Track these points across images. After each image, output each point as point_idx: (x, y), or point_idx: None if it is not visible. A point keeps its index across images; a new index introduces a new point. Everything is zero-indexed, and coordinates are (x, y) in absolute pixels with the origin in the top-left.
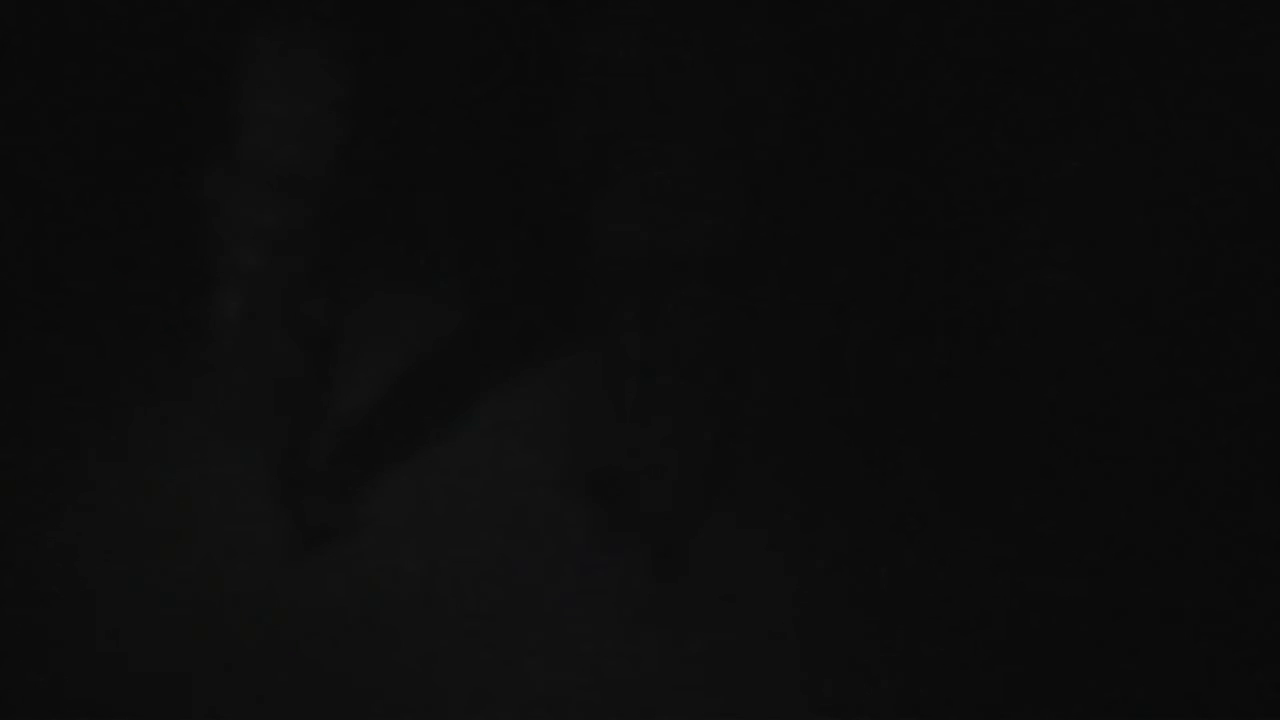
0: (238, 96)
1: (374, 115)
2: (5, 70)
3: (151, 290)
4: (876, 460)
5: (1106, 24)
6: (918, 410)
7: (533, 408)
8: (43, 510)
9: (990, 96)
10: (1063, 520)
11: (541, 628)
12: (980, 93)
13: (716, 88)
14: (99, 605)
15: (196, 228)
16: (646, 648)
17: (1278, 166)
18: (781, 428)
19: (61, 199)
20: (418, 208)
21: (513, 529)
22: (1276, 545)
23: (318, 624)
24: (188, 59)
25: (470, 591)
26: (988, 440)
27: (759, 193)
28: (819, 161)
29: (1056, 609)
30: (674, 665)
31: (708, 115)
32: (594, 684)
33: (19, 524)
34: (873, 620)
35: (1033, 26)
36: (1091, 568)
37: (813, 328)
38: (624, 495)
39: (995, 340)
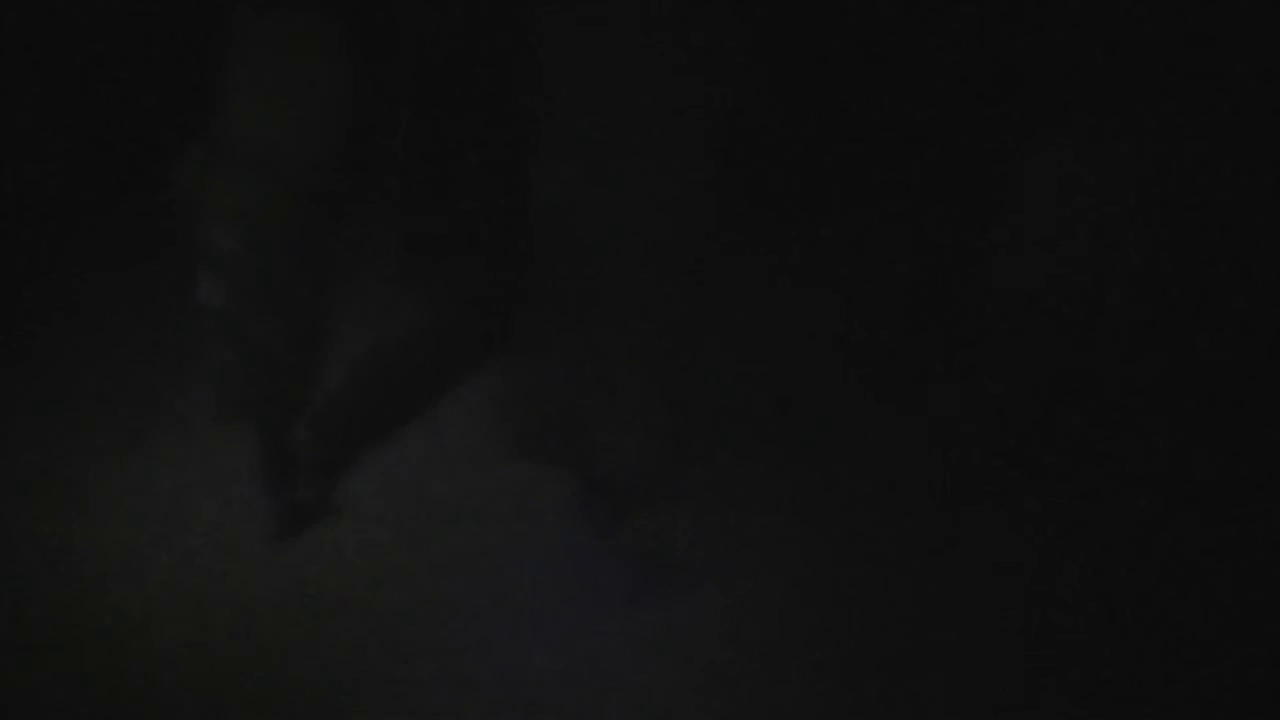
0: (219, 76)
1: (356, 99)
2: None
3: (130, 274)
4: (848, 450)
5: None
6: (889, 401)
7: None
8: (23, 502)
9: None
10: (1051, 519)
11: (520, 613)
12: (948, 84)
13: (673, 77)
14: (81, 598)
15: (176, 209)
16: (626, 632)
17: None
18: (748, 417)
19: (37, 182)
20: (393, 192)
21: (491, 514)
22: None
23: (294, 610)
24: (168, 38)
25: (448, 577)
26: (959, 428)
27: (717, 180)
28: (780, 151)
29: (1045, 611)
30: (656, 652)
31: (664, 104)
32: (572, 668)
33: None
34: (851, 614)
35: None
36: (1079, 568)
37: (780, 319)
38: (586, 480)
39: (963, 331)
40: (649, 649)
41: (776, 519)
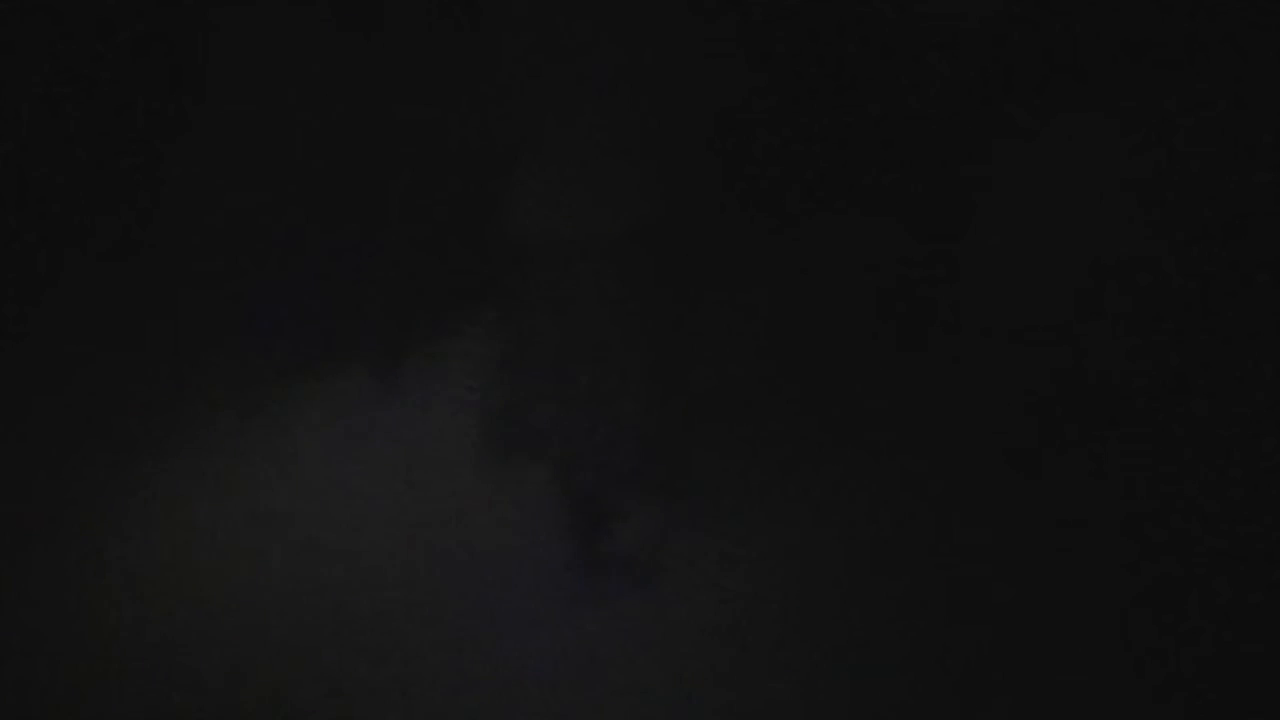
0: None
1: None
2: None
3: (130, 273)
4: (842, 449)
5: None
6: (885, 400)
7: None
8: (23, 504)
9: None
10: (1048, 519)
11: (513, 609)
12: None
13: (633, 73)
14: (82, 600)
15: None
16: (614, 627)
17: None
18: (736, 416)
19: (36, 181)
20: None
21: (485, 513)
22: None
23: (294, 605)
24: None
25: (446, 573)
26: (955, 426)
27: (674, 178)
28: (777, 149)
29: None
30: (645, 647)
31: (621, 100)
32: (564, 661)
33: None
34: (836, 614)
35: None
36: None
37: (776, 317)
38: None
39: (960, 330)
40: (636, 644)
41: (767, 519)
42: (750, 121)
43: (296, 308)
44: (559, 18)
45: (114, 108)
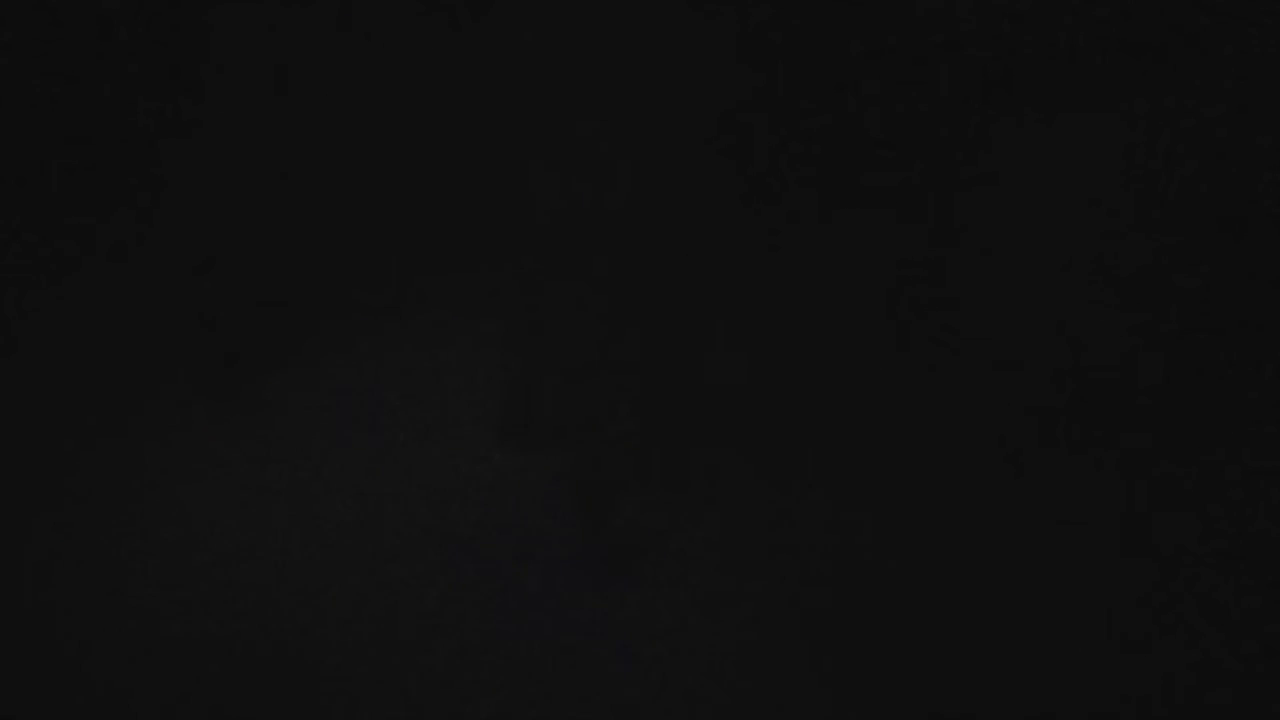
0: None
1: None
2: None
3: (131, 272)
4: (839, 443)
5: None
6: (880, 397)
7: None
8: (25, 500)
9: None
10: (1042, 517)
11: (509, 590)
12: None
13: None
14: (83, 595)
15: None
16: (607, 611)
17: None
18: (736, 408)
19: (37, 180)
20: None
21: (483, 499)
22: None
23: (295, 588)
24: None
25: (444, 556)
26: (951, 424)
27: (674, 178)
28: (778, 148)
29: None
30: (636, 630)
31: (622, 100)
32: (560, 643)
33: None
34: (830, 598)
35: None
36: (1077, 566)
37: (776, 310)
38: (560, 451)
39: (958, 330)
40: (638, 635)
41: (767, 516)
42: (750, 121)
43: (296, 304)
44: (559, 18)
45: (114, 108)
